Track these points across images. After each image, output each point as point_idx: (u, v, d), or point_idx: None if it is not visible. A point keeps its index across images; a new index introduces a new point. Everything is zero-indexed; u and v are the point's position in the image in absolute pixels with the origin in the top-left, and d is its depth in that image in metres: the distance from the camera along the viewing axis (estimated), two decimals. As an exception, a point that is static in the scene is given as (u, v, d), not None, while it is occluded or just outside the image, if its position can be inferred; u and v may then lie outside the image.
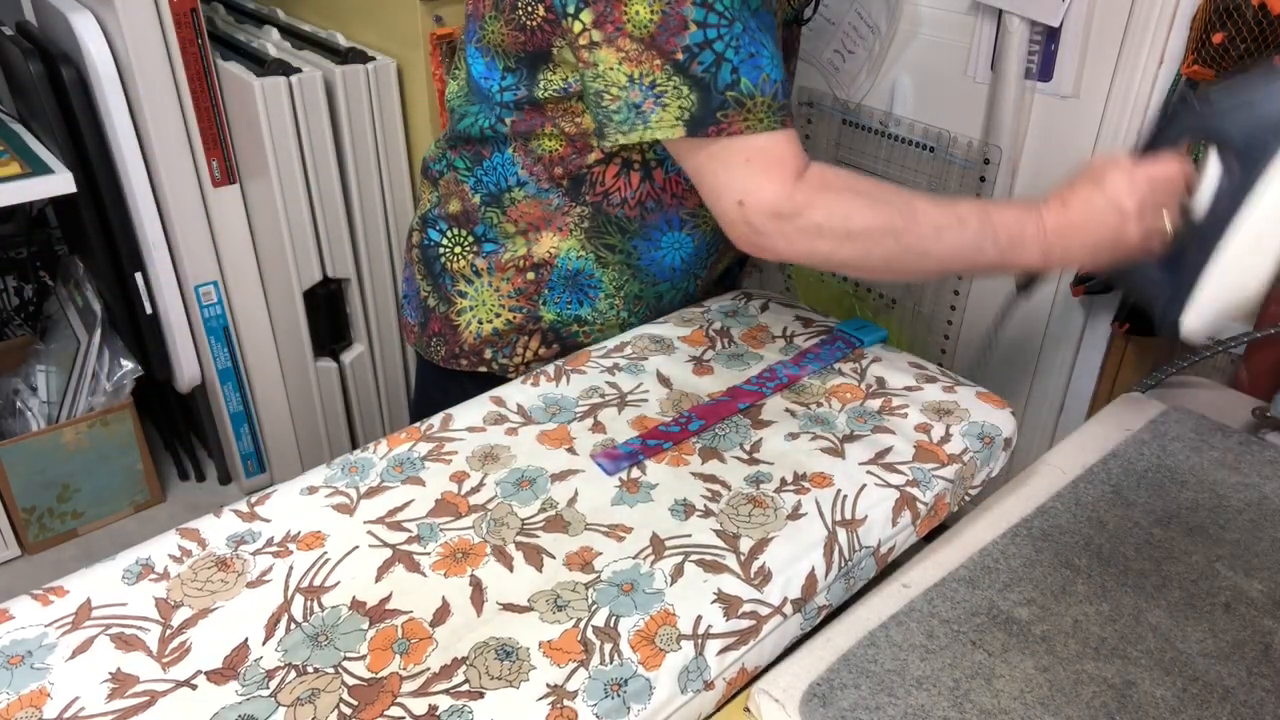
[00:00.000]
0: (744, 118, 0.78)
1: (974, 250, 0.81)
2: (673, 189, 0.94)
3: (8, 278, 2.17)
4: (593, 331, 1.02)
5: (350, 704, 0.58)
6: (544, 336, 1.02)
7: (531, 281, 1.00)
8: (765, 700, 0.64)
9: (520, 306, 1.01)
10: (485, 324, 1.03)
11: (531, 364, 1.02)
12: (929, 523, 0.78)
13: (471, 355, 1.04)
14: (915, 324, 1.45)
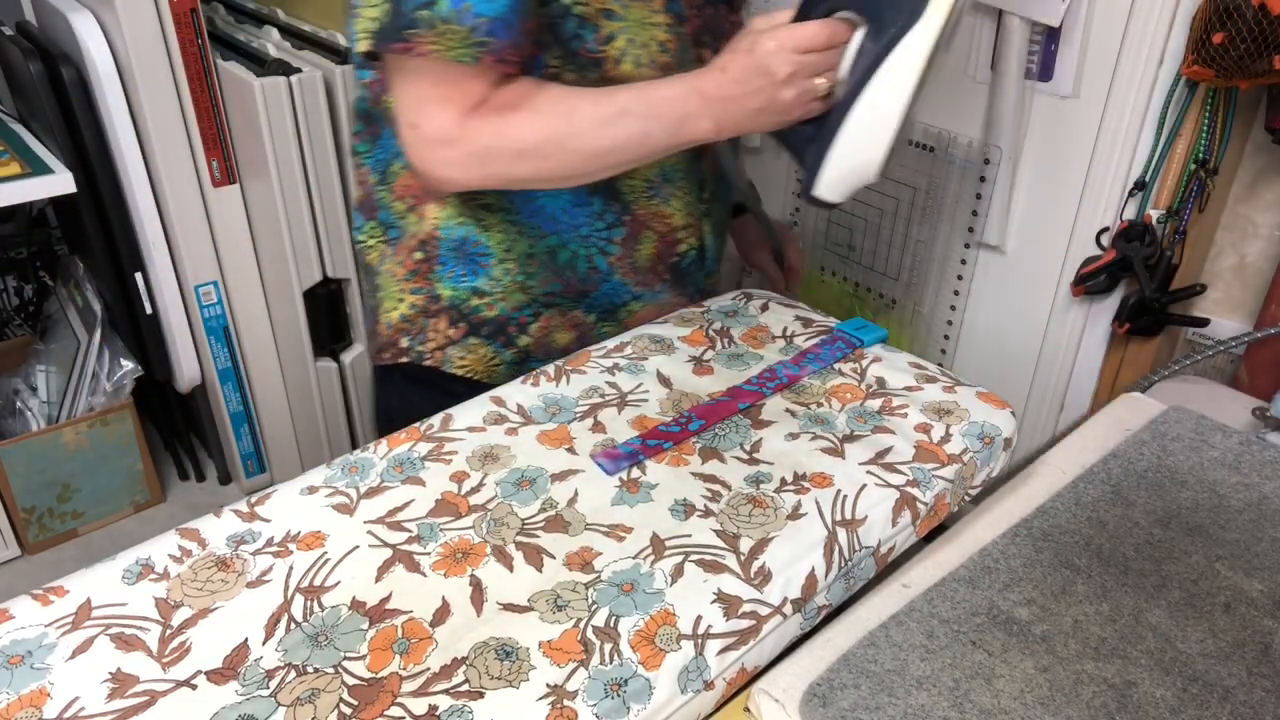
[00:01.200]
0: (433, 41, 0.76)
1: (642, 136, 0.81)
2: None
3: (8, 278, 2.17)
4: (495, 302, 0.98)
5: (350, 704, 0.58)
6: (449, 316, 0.99)
7: (422, 260, 0.98)
8: (765, 700, 0.64)
9: (419, 288, 0.99)
10: (393, 312, 1.01)
11: (446, 348, 1.00)
12: (929, 523, 0.78)
13: (391, 347, 1.03)
14: (915, 324, 1.45)
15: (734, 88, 0.80)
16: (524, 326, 1.00)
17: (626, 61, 0.87)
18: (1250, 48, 0.94)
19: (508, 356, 1.00)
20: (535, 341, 1.01)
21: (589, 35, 0.84)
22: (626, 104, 0.81)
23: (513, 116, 0.81)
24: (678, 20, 0.90)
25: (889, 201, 1.41)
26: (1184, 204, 1.11)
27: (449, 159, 0.81)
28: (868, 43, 0.81)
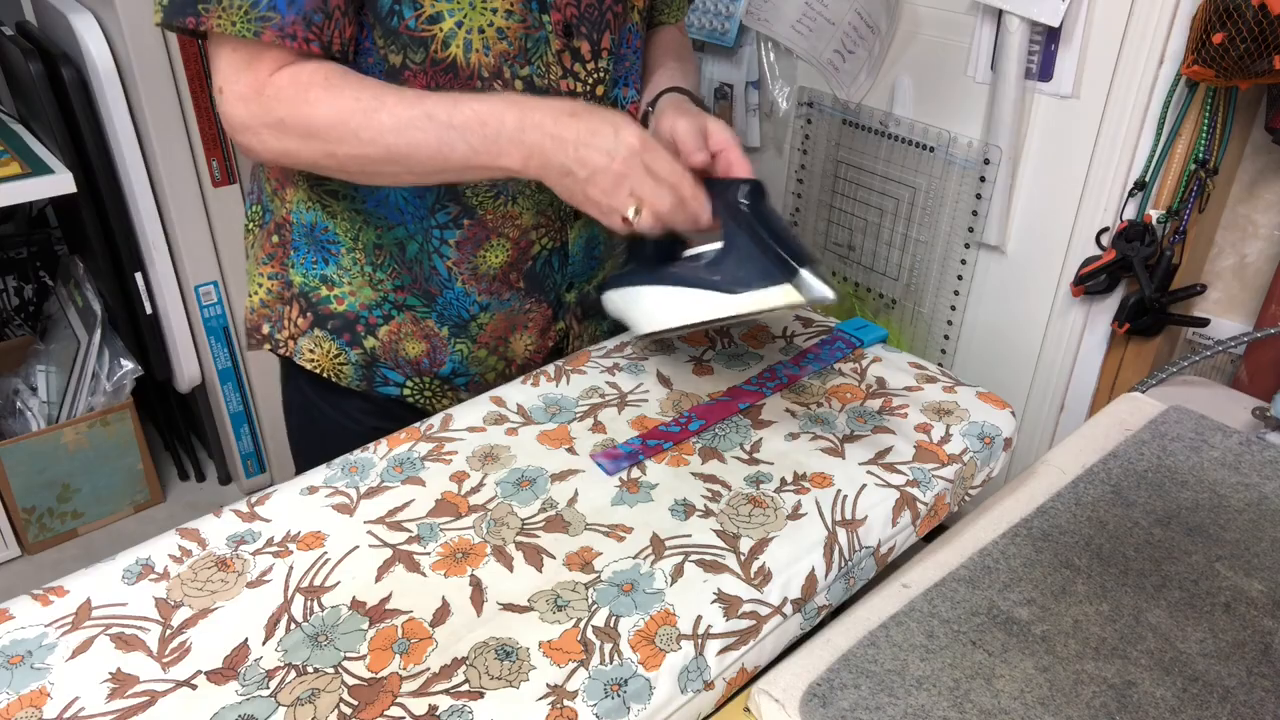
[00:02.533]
0: (218, 16, 0.75)
1: (441, 146, 0.76)
2: None
3: (8, 278, 2.17)
4: (344, 295, 0.94)
5: (350, 704, 0.58)
6: (299, 304, 0.95)
7: (278, 244, 0.95)
8: (765, 700, 0.64)
9: (275, 272, 0.96)
10: (254, 296, 0.99)
11: (297, 338, 0.96)
12: (929, 523, 0.78)
13: (256, 332, 1.00)
14: (915, 324, 1.45)
15: (568, 136, 0.74)
16: (372, 328, 0.95)
17: (455, 44, 0.81)
18: (1250, 48, 0.94)
19: (353, 357, 0.96)
20: (383, 346, 0.95)
21: (408, 11, 0.79)
22: (435, 109, 0.76)
23: (310, 93, 0.77)
24: (538, 7, 0.83)
25: (889, 201, 1.41)
26: (1184, 204, 1.11)
27: (247, 126, 0.79)
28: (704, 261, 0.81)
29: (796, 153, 1.52)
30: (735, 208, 0.79)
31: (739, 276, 0.79)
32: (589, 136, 0.74)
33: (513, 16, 0.81)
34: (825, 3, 1.34)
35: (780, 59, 1.48)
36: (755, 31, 1.46)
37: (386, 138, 0.76)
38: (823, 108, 1.45)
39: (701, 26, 1.51)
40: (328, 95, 0.77)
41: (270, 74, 0.77)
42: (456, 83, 0.82)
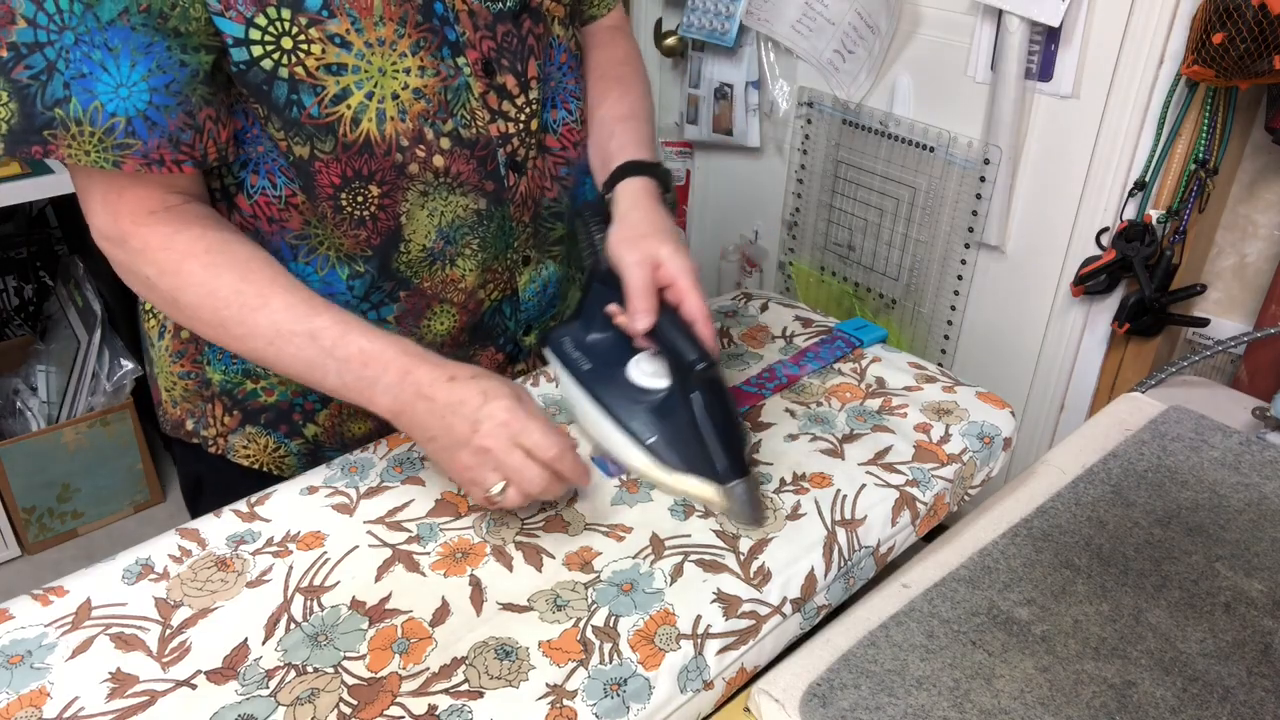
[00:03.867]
0: (69, 144, 0.66)
1: (313, 369, 0.71)
2: (266, 212, 0.78)
3: (8, 278, 2.17)
4: (273, 386, 0.86)
5: (350, 704, 0.58)
6: (223, 403, 0.87)
7: (188, 341, 0.86)
8: (765, 700, 0.64)
9: (189, 371, 0.87)
10: (173, 391, 0.90)
11: (228, 436, 0.88)
12: (929, 523, 0.78)
13: (180, 428, 0.91)
14: (915, 324, 1.45)
15: (439, 400, 0.69)
16: (310, 414, 0.88)
17: (366, 119, 0.73)
18: (1250, 48, 0.94)
19: (294, 448, 0.89)
20: (326, 432, 0.89)
21: (308, 99, 0.71)
22: (322, 332, 0.70)
23: (185, 265, 0.71)
24: (451, 53, 0.76)
25: (889, 201, 1.41)
26: (1184, 204, 1.11)
27: (114, 260, 0.73)
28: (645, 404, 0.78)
29: (796, 153, 1.52)
30: (689, 382, 0.74)
31: (672, 454, 0.75)
32: (457, 404, 0.68)
33: (426, 72, 0.75)
34: (825, 3, 1.34)
35: (780, 59, 1.48)
36: (755, 31, 1.46)
37: (257, 342, 0.71)
38: (823, 108, 1.45)
39: (701, 26, 1.51)
40: (205, 275, 0.71)
41: (135, 220, 0.70)
42: (374, 161, 0.75)
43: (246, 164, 0.76)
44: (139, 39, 0.65)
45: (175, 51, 0.67)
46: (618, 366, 0.81)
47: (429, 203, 0.79)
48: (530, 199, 0.86)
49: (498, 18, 0.79)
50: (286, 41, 0.70)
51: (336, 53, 0.71)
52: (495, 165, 0.81)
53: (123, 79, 0.66)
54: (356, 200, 0.77)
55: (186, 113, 0.68)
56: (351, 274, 0.81)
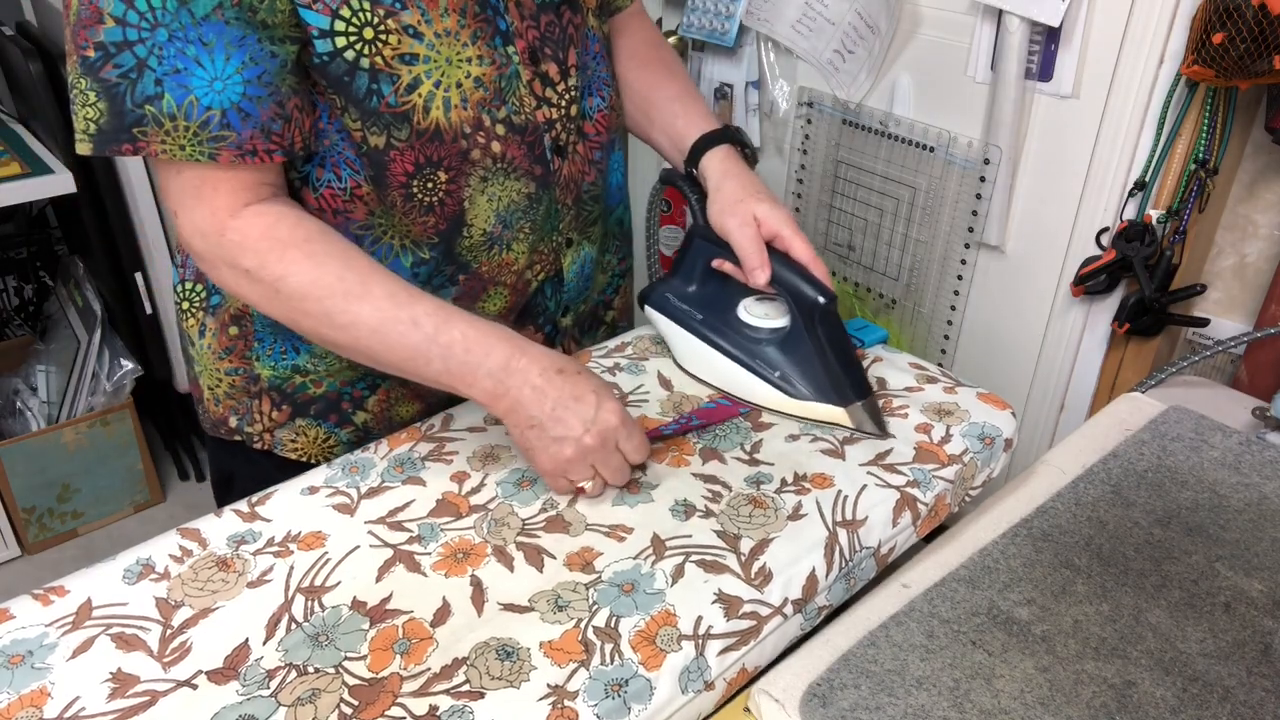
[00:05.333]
0: (162, 140, 0.67)
1: (415, 356, 0.72)
2: (331, 205, 0.80)
3: (8, 278, 2.17)
4: (321, 379, 0.88)
5: (351, 704, 0.58)
6: (271, 398, 0.88)
7: (236, 336, 0.87)
8: (765, 700, 0.64)
9: (236, 368, 0.88)
10: (216, 389, 0.90)
11: (275, 431, 0.90)
12: (929, 523, 0.78)
13: (223, 425, 0.92)
14: (915, 324, 1.45)
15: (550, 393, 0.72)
16: (360, 402, 0.90)
17: (435, 108, 0.76)
18: (1250, 48, 0.94)
19: (344, 436, 0.91)
20: (375, 418, 0.91)
21: (386, 88, 0.74)
22: (423, 317, 0.71)
23: (288, 254, 0.71)
24: (502, 42, 0.79)
25: (889, 201, 1.41)
26: (1184, 204, 1.11)
27: (204, 259, 0.73)
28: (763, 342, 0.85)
29: (796, 153, 1.52)
30: (811, 315, 0.82)
31: (800, 383, 0.83)
32: (571, 401, 0.72)
33: (484, 61, 0.78)
34: (825, 3, 1.34)
35: (780, 59, 1.48)
36: (755, 31, 1.46)
37: (360, 331, 0.72)
38: (823, 108, 1.45)
39: (701, 26, 1.51)
40: (309, 264, 0.71)
41: (232, 212, 0.71)
42: (443, 148, 0.78)
43: (312, 158, 0.78)
44: (232, 32, 0.67)
45: (265, 43, 0.68)
46: (728, 312, 0.88)
47: (488, 188, 0.82)
48: (572, 182, 0.89)
49: (541, 8, 0.83)
50: (368, 32, 0.72)
51: (410, 43, 0.74)
52: (542, 150, 0.85)
53: (217, 72, 0.67)
54: (427, 187, 0.79)
55: (277, 103, 0.70)
56: (416, 261, 0.83)
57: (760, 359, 0.85)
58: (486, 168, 0.81)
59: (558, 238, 0.91)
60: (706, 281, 0.92)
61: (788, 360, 0.84)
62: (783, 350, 0.84)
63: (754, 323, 0.87)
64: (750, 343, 0.86)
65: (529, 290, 0.91)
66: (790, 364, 0.84)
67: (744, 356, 0.85)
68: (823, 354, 0.82)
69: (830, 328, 0.82)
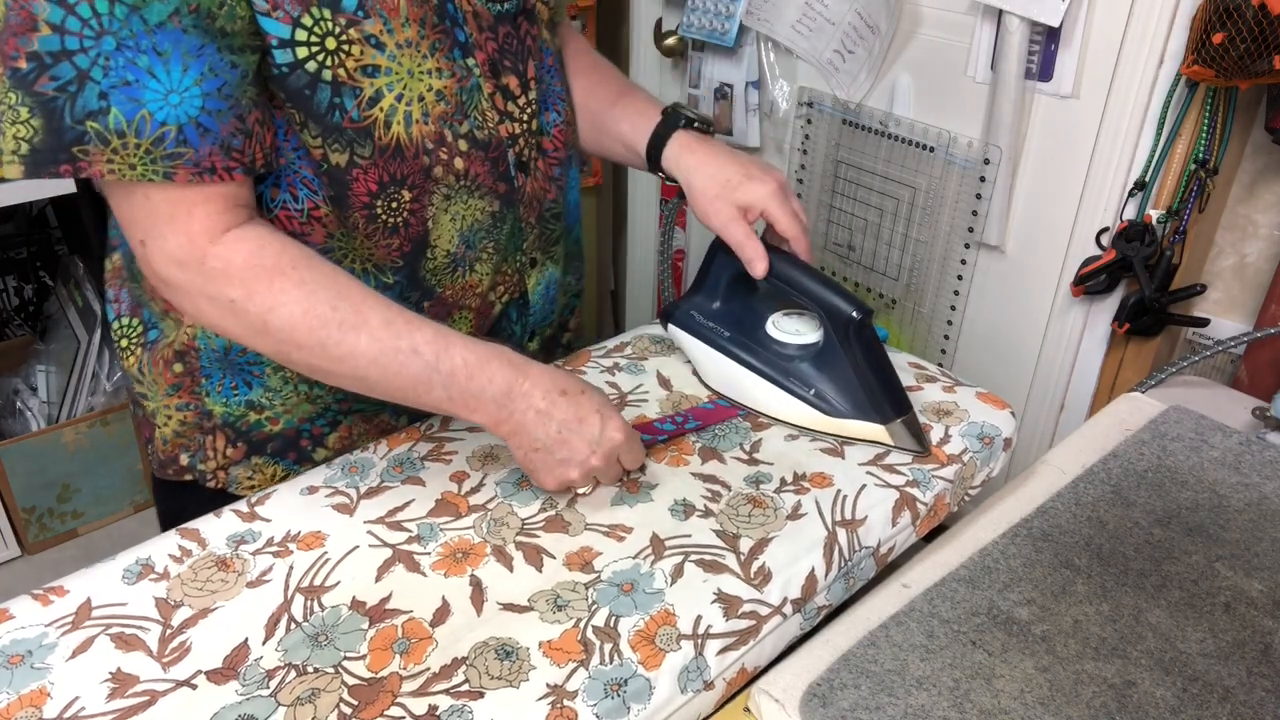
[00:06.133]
0: (109, 159, 0.62)
1: (417, 385, 0.69)
2: (287, 228, 0.75)
3: (8, 278, 2.17)
4: (278, 415, 0.84)
5: (350, 704, 0.58)
6: (225, 435, 0.84)
7: (182, 373, 0.82)
8: (765, 700, 0.64)
9: (186, 404, 0.83)
10: (165, 428, 0.85)
11: (229, 468, 0.85)
12: (929, 523, 0.78)
13: (173, 464, 0.87)
14: (915, 324, 1.45)
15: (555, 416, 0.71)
16: (319, 439, 0.86)
17: (396, 122, 0.73)
18: (1250, 48, 0.94)
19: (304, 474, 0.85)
20: (336, 455, 0.85)
21: (349, 102, 0.70)
22: (423, 345, 0.69)
23: (276, 283, 0.67)
24: (461, 54, 0.77)
25: (889, 201, 1.41)
26: (1184, 204, 1.11)
27: (181, 290, 0.68)
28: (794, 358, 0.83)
29: (796, 153, 1.52)
30: (845, 330, 0.79)
31: (836, 401, 0.81)
32: (576, 424, 0.72)
33: (444, 74, 0.75)
34: (825, 3, 1.34)
35: (780, 59, 1.48)
36: (755, 31, 1.46)
37: (359, 362, 0.68)
38: (823, 108, 1.45)
39: (701, 26, 1.51)
40: (300, 293, 0.67)
41: (211, 238, 0.66)
42: (405, 165, 0.75)
43: (264, 177, 0.73)
44: (191, 41, 0.62)
45: (225, 53, 0.64)
46: (757, 328, 0.86)
47: (451, 206, 0.79)
48: (535, 200, 0.87)
49: (498, 19, 0.80)
50: (330, 42, 0.69)
51: (372, 54, 0.70)
52: (506, 166, 0.82)
53: (173, 85, 0.62)
54: (391, 207, 0.76)
55: (238, 116, 0.66)
56: (380, 286, 0.79)
57: (794, 376, 0.82)
58: (449, 185, 0.78)
59: (521, 258, 0.88)
60: (731, 297, 0.90)
61: (822, 377, 0.81)
62: (816, 366, 0.82)
63: (784, 339, 0.85)
64: (781, 360, 0.84)
65: (493, 314, 0.89)
66: (825, 381, 0.81)
67: (776, 374, 0.83)
68: (859, 369, 0.80)
69: (866, 342, 0.80)
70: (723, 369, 0.87)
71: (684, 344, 0.91)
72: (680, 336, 0.91)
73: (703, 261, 0.91)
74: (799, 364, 0.83)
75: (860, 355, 0.79)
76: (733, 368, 0.86)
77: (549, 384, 0.72)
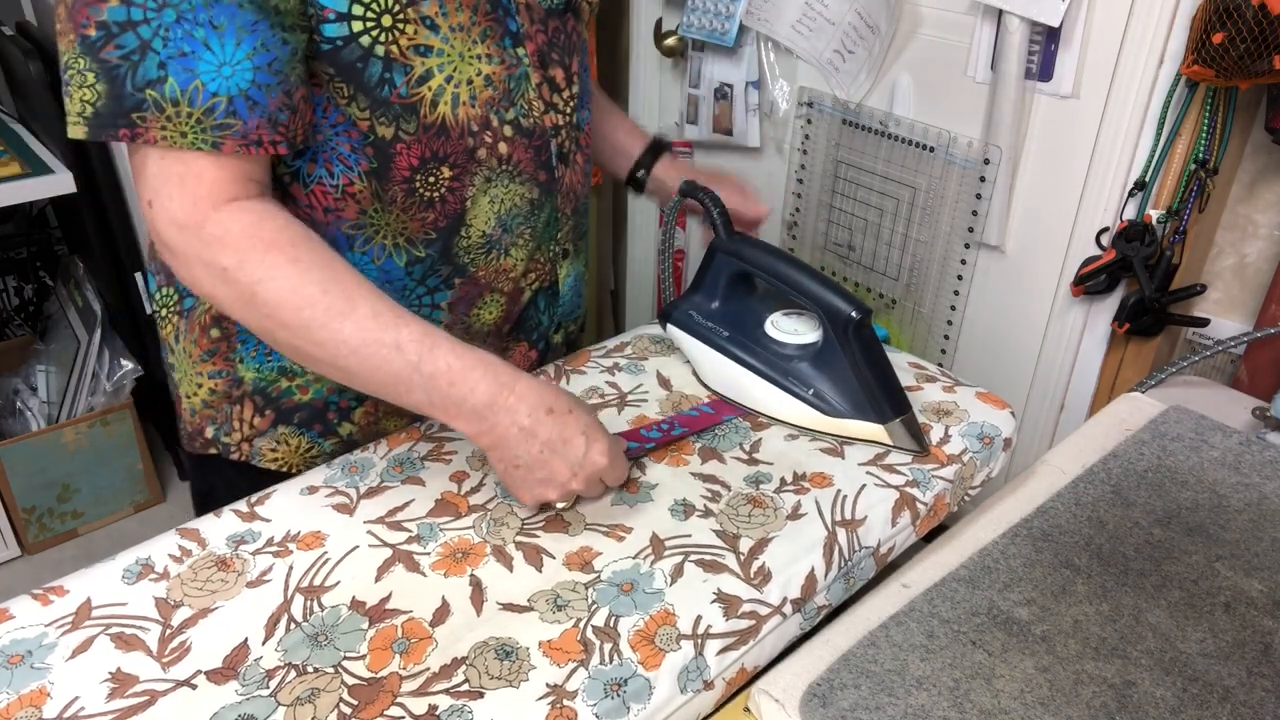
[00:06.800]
0: (162, 126, 0.64)
1: (397, 383, 0.68)
2: (322, 202, 0.77)
3: (8, 278, 2.17)
4: (308, 383, 0.85)
5: (350, 704, 0.58)
6: (254, 403, 0.85)
7: (219, 339, 0.83)
8: (765, 700, 0.64)
9: (218, 371, 0.84)
10: (194, 397, 0.87)
11: (253, 439, 0.87)
12: (929, 523, 0.78)
13: (199, 436, 0.88)
14: (915, 324, 1.45)
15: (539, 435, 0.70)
16: (346, 413, 0.87)
17: (443, 102, 0.75)
18: (1250, 48, 0.94)
19: (327, 448, 0.88)
20: (361, 430, 0.88)
21: (399, 78, 0.72)
22: (408, 343, 0.68)
23: (270, 257, 0.67)
24: (512, 43, 0.78)
25: (889, 201, 1.41)
26: (1184, 204, 1.11)
27: (184, 254, 0.68)
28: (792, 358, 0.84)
29: (796, 153, 1.52)
30: (844, 330, 0.80)
31: (835, 400, 0.81)
32: (560, 445, 0.70)
33: (493, 60, 0.77)
34: (825, 3, 1.34)
35: (780, 59, 1.48)
36: (755, 31, 1.46)
37: (340, 350, 0.67)
38: (823, 108, 1.45)
39: (701, 26, 1.51)
40: (293, 271, 0.67)
41: (215, 205, 0.67)
42: (449, 144, 0.77)
43: (303, 152, 0.75)
44: (245, 16, 0.64)
45: (278, 30, 0.66)
46: (756, 328, 0.86)
47: (491, 189, 0.81)
48: (573, 192, 0.89)
49: (549, 13, 0.82)
50: (386, 19, 0.70)
51: (426, 34, 0.72)
52: (548, 156, 0.84)
53: (226, 58, 0.64)
54: (429, 182, 0.78)
55: (285, 92, 0.67)
56: (411, 259, 0.81)
57: (792, 376, 0.83)
58: (492, 168, 0.80)
59: (555, 248, 0.90)
60: (730, 297, 0.90)
61: (821, 376, 0.82)
62: (815, 366, 0.82)
63: (783, 339, 0.85)
64: (780, 359, 0.84)
65: (523, 300, 0.90)
66: (824, 380, 0.82)
67: (774, 374, 0.84)
68: (858, 369, 0.80)
69: (865, 342, 0.80)
70: (722, 369, 0.87)
71: (683, 344, 0.91)
72: (679, 336, 0.91)
73: (702, 261, 0.92)
74: (798, 364, 0.83)
75: (859, 355, 0.80)
76: (732, 368, 0.86)
77: (536, 400, 0.70)
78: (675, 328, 0.92)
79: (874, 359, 0.80)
